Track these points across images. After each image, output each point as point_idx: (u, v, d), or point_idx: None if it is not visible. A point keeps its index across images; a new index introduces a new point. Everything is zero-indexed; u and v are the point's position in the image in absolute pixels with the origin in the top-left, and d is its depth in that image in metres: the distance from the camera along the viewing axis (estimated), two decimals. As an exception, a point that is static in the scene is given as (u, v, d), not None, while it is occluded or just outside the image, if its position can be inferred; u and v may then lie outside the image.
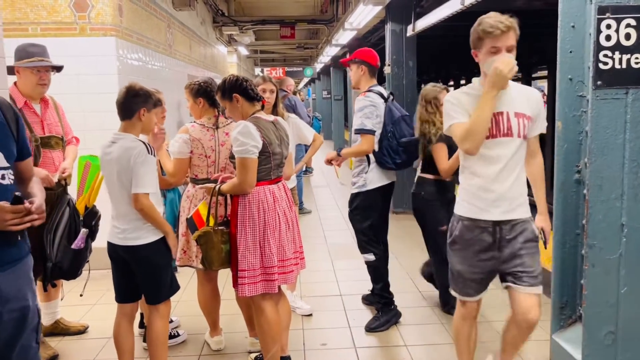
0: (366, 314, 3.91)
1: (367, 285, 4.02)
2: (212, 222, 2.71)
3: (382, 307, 3.72)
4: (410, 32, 6.68)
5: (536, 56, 11.69)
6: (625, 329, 2.61)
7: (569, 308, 2.95)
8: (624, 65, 2.47)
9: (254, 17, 11.82)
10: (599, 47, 2.45)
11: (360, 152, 3.53)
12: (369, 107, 3.47)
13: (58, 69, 3.24)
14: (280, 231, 2.72)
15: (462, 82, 17.09)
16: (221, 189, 2.72)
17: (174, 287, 2.77)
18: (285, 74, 19.25)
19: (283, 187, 2.83)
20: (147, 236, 2.62)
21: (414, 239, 5.96)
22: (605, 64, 2.46)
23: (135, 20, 5.35)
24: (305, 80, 27.47)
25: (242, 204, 2.68)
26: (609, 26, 2.45)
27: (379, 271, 3.70)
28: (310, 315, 3.86)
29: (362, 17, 7.37)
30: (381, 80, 8.09)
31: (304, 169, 9.92)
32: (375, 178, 3.57)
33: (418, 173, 3.79)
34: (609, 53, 2.46)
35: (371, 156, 3.55)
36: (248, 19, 11.36)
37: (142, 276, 2.67)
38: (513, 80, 2.40)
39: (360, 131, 3.47)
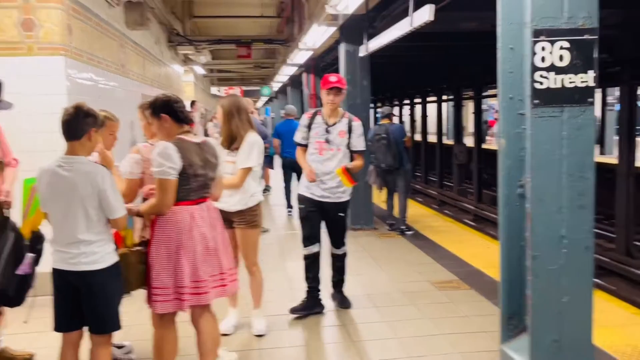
0: (325, 332, 3.92)
1: (324, 298, 4.08)
2: (129, 243, 2.75)
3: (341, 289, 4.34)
4: (363, 52, 6.83)
5: (487, 76, 12.13)
6: (569, 338, 2.72)
7: (517, 318, 3.04)
8: (558, 85, 2.61)
9: (210, 36, 11.84)
10: (534, 68, 2.59)
11: (362, 166, 4.14)
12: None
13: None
14: (195, 252, 2.75)
15: (417, 100, 17.49)
16: (140, 209, 2.78)
17: (119, 319, 2.71)
18: (242, 93, 19.25)
19: (207, 209, 2.85)
20: (103, 260, 2.57)
21: (371, 255, 6.04)
22: (541, 83, 2.60)
23: (86, 39, 5.28)
24: (264, 99, 27.51)
25: (159, 224, 2.74)
26: (543, 48, 2.59)
27: (346, 260, 4.34)
28: (263, 335, 3.83)
29: (316, 37, 7.50)
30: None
31: (263, 187, 9.92)
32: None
33: None
34: (545, 73, 2.60)
35: None
36: (204, 39, 11.35)
37: (95, 303, 2.60)
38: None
39: (364, 151, 4.16)
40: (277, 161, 8.78)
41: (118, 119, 3.30)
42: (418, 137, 17.50)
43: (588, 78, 2.62)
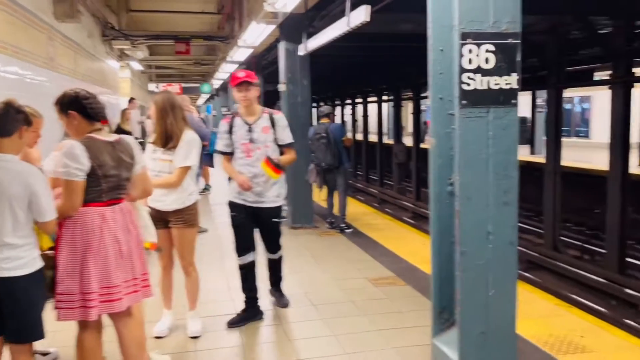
0: (262, 331, 3.90)
1: (262, 303, 4.04)
2: (45, 246, 2.60)
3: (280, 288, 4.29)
4: (303, 51, 6.84)
5: (424, 77, 12.44)
6: (495, 329, 2.83)
7: (447, 312, 3.14)
8: (484, 87, 2.71)
9: (148, 31, 11.51)
10: (462, 70, 2.67)
11: (294, 160, 4.02)
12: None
13: None
14: (106, 256, 2.60)
15: (358, 100, 17.72)
16: None
17: (43, 327, 2.57)
18: (182, 90, 18.84)
19: (121, 211, 2.72)
20: (28, 266, 2.44)
21: (310, 253, 6.07)
22: (469, 85, 2.69)
23: (10, 31, 5.00)
24: (205, 96, 27.04)
25: (66, 226, 2.60)
26: (470, 51, 2.68)
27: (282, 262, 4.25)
28: (198, 337, 3.77)
29: (256, 35, 7.45)
30: (276, 98, 8.23)
31: (202, 186, 9.74)
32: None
33: None
34: (472, 75, 2.69)
35: None
36: (141, 34, 11.03)
37: (18, 310, 2.45)
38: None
39: (292, 144, 3.95)
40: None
41: (42, 116, 3.15)
42: (359, 136, 17.75)
43: (512, 80, 2.73)
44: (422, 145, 13.64)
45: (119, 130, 8.72)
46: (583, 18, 7.15)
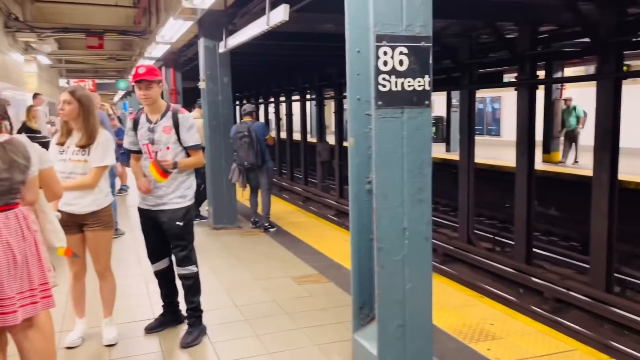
0: (181, 334, 3.80)
1: (182, 307, 3.94)
2: None
3: (196, 320, 3.72)
4: (223, 48, 6.74)
5: (344, 77, 12.66)
6: (412, 322, 2.93)
7: (367, 307, 3.22)
8: (399, 88, 2.80)
9: (56, 24, 10.84)
10: (378, 71, 2.74)
11: (199, 164, 3.73)
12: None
13: None
14: None
15: (282, 99, 17.72)
16: None
17: None
18: (95, 87, 17.94)
19: (15, 216, 2.52)
20: None
21: (233, 254, 5.99)
22: (384, 86, 2.76)
23: None
24: (121, 93, 25.92)
25: None
26: (385, 53, 2.76)
27: (199, 282, 3.74)
28: (114, 344, 3.62)
29: (174, 31, 7.25)
30: (196, 96, 8.04)
31: (118, 187, 9.34)
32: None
33: None
34: (387, 77, 2.77)
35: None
36: (48, 26, 10.38)
37: None
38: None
39: (198, 146, 3.65)
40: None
41: None
42: (284, 135, 17.76)
43: (424, 82, 2.84)
44: (344, 144, 13.87)
45: (25, 129, 8.17)
46: (492, 23, 7.56)
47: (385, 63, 2.76)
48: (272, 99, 19.32)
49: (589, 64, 13.14)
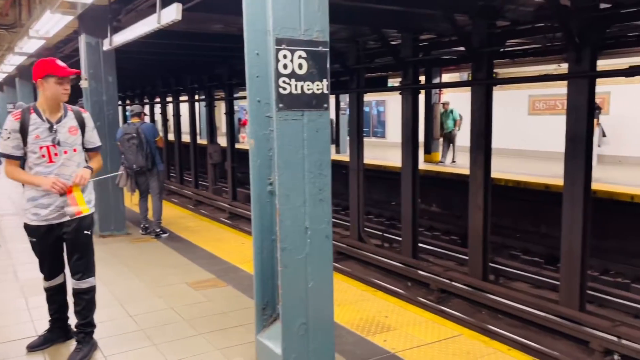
0: (70, 350, 3.55)
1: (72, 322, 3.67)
2: None
3: (86, 336, 3.50)
4: (107, 46, 6.38)
5: (236, 78, 12.56)
6: (314, 319, 3.00)
7: (270, 308, 3.24)
8: (299, 91, 2.86)
9: None
10: (278, 74, 2.78)
11: (101, 166, 3.59)
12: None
13: None
14: None
15: (169, 99, 17.12)
16: None
17: None
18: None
19: None
20: None
21: (124, 262, 5.70)
22: (285, 89, 2.81)
23: None
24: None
25: None
26: (285, 56, 2.80)
27: (95, 296, 3.56)
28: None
29: (50, 25, 6.72)
30: (78, 95, 7.53)
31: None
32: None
33: None
34: (287, 80, 2.81)
35: None
36: None
37: None
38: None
39: (100, 148, 3.55)
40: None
41: None
42: (172, 137, 17.18)
43: (323, 86, 2.93)
44: (237, 146, 13.75)
45: None
46: (377, 30, 7.93)
47: (285, 66, 2.80)
48: (158, 99, 18.59)
49: (463, 71, 14.27)
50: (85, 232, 3.40)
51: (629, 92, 12.72)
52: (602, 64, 6.88)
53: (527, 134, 14.92)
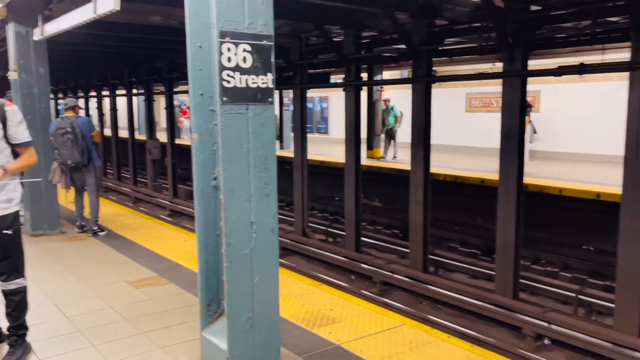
0: (2, 353, 3.38)
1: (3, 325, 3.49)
2: None
3: (19, 339, 3.35)
4: (38, 36, 6.08)
5: (176, 71, 12.28)
6: (260, 313, 3.00)
7: (215, 304, 3.21)
8: (243, 85, 2.84)
9: None
10: (222, 67, 2.75)
11: (32, 164, 3.36)
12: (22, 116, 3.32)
13: None
14: None
15: (105, 93, 16.50)
16: None
17: None
18: None
19: None
20: None
21: (58, 262, 5.47)
22: (229, 82, 2.78)
23: None
24: None
25: None
26: (229, 49, 2.77)
27: (26, 297, 3.38)
28: None
29: (-25, 12, 6.32)
30: (6, 87, 7.13)
31: None
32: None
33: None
34: (231, 73, 2.79)
35: None
36: None
37: None
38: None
39: (29, 143, 3.33)
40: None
41: None
42: (108, 132, 16.58)
43: (267, 80, 2.92)
44: (177, 141, 13.44)
45: None
46: (320, 26, 7.97)
47: (229, 59, 2.78)
48: (94, 93, 17.87)
49: (404, 69, 14.58)
50: (5, 231, 3.20)
51: (557, 91, 13.44)
52: (534, 64, 7.24)
53: (464, 130, 15.46)
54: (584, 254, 8.52)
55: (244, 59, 2.82)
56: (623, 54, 5.70)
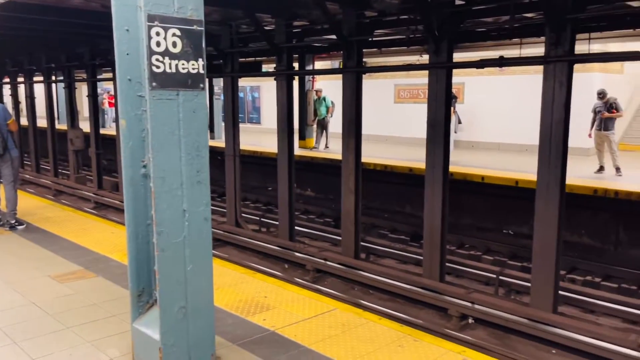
0: None
1: None
2: None
3: None
4: (-55, 15, 5.62)
5: (99, 58, 11.74)
6: (193, 302, 2.98)
7: (146, 294, 3.14)
8: (173, 70, 2.78)
9: None
10: (151, 52, 2.68)
11: None
12: None
13: None
14: None
15: (20, 80, 15.50)
16: None
17: None
18: None
19: None
20: None
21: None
22: (158, 67, 2.72)
23: None
24: None
25: None
26: (158, 33, 2.71)
27: None
28: None
29: None
30: None
31: None
32: None
33: None
34: (160, 58, 2.73)
35: None
36: None
37: None
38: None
39: None
40: None
41: None
42: (25, 121, 15.60)
43: (198, 65, 2.88)
44: (102, 131, 12.89)
45: None
46: (251, 14, 7.88)
47: (158, 44, 2.71)
48: (7, 80, 16.73)
49: (335, 59, 14.72)
50: None
51: (480, 83, 14.07)
52: (459, 57, 7.54)
53: (393, 121, 15.85)
54: (504, 237, 9.03)
55: (174, 44, 2.77)
56: (539, 49, 6.07)
